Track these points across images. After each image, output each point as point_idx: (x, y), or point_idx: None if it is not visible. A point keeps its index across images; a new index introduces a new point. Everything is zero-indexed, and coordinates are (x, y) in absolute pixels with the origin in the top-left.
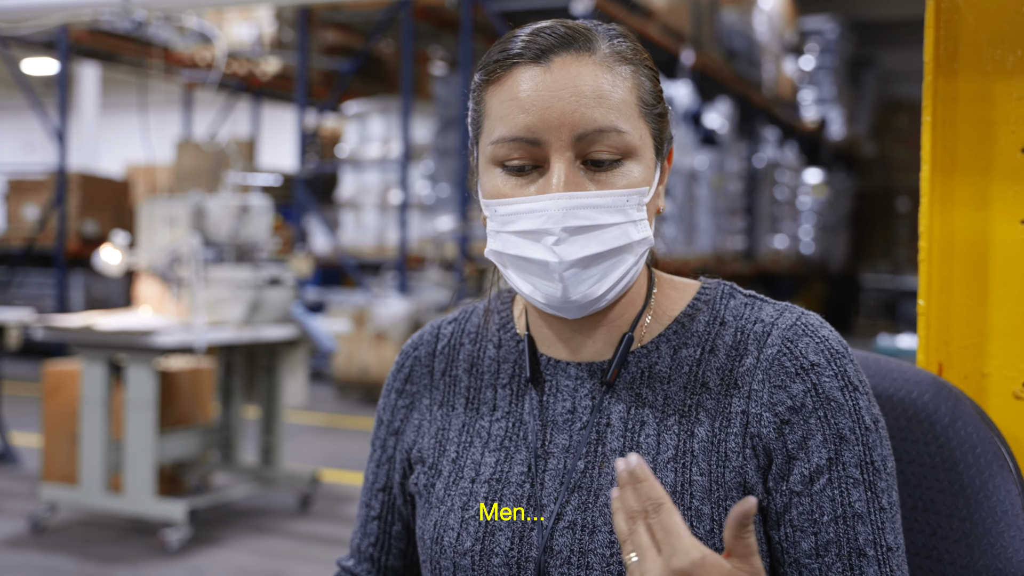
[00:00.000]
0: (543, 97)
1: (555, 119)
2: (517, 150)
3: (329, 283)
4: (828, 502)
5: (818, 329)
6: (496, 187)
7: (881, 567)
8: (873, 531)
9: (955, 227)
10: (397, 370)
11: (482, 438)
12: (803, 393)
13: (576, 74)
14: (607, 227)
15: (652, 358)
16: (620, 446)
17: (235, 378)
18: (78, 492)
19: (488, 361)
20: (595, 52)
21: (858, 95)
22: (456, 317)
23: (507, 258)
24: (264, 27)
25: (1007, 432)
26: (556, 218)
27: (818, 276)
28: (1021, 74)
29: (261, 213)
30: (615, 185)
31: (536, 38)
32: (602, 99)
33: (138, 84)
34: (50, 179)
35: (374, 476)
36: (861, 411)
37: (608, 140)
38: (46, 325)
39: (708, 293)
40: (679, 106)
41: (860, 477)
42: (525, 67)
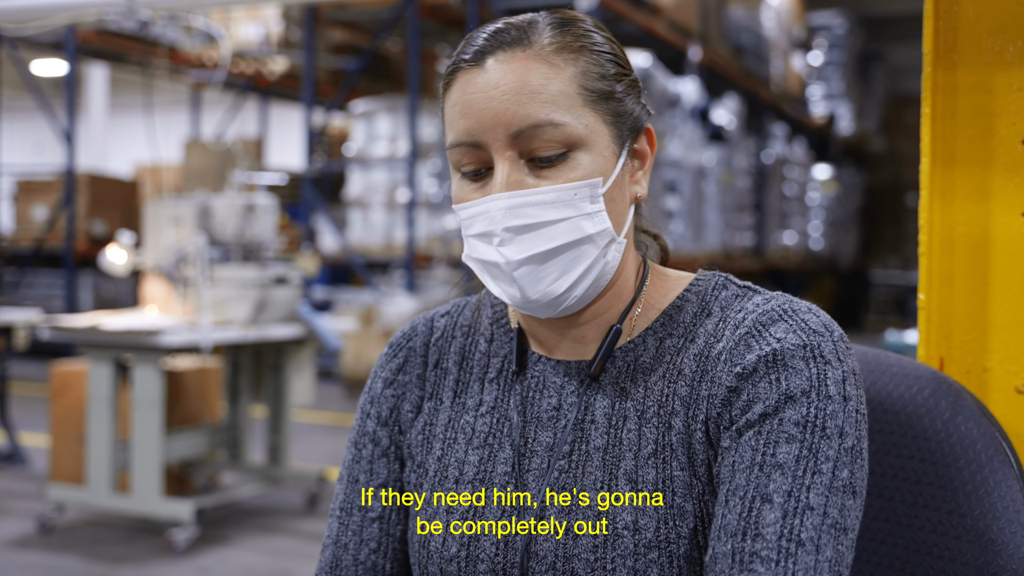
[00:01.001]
0: (477, 99)
1: (490, 120)
2: (466, 155)
3: (337, 282)
4: (748, 451)
5: (800, 313)
6: (456, 192)
7: (787, 518)
8: (792, 484)
9: (955, 220)
10: (387, 360)
11: (466, 434)
12: (756, 359)
13: (508, 71)
14: (555, 223)
15: (639, 351)
16: (604, 443)
17: (242, 377)
18: (85, 492)
19: (479, 355)
20: (530, 46)
21: (867, 90)
22: (449, 310)
23: (472, 261)
24: (271, 26)
25: (1008, 427)
26: (497, 219)
27: (827, 272)
28: (1021, 65)
29: (267, 212)
30: (561, 179)
31: (474, 41)
32: (535, 93)
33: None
34: (59, 180)
35: (369, 475)
36: (826, 379)
37: (546, 134)
38: (53, 325)
39: (700, 284)
40: (687, 102)
41: (797, 435)
42: (465, 72)
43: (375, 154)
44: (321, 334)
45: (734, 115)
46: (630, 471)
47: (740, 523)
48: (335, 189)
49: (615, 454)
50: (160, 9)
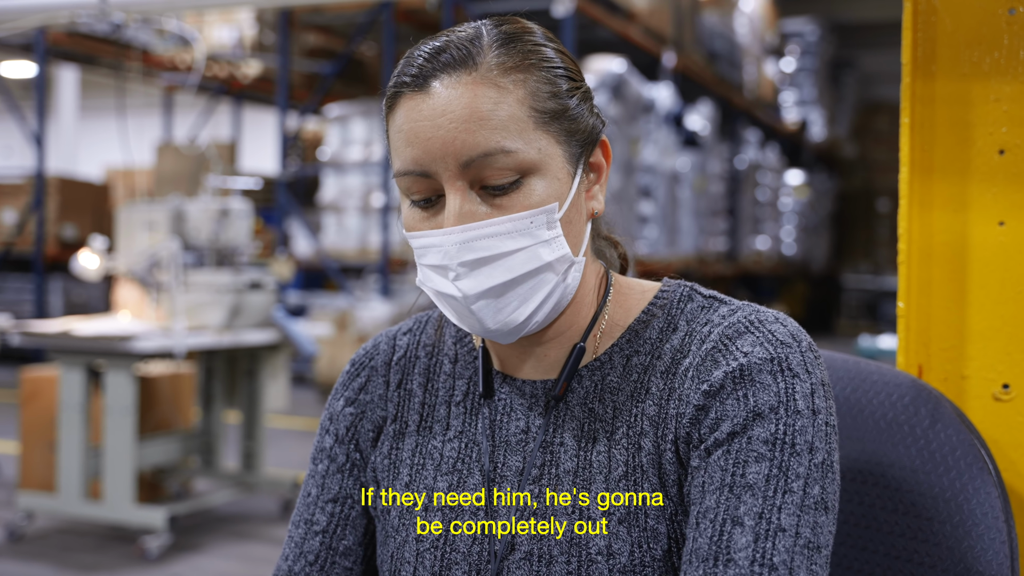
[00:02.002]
0: (424, 128)
1: (438, 149)
2: (414, 184)
3: (311, 287)
4: (718, 471)
5: (767, 324)
6: (407, 219)
7: (759, 541)
8: (764, 505)
9: (934, 229)
10: (350, 379)
11: (434, 460)
12: (723, 376)
13: (454, 97)
14: (512, 253)
15: (606, 369)
16: (573, 466)
17: (216, 383)
18: (56, 500)
19: (444, 377)
20: (476, 68)
21: (838, 97)
22: (411, 327)
23: (429, 291)
24: (245, 30)
25: (987, 434)
26: (452, 253)
27: (800, 277)
28: (998, 76)
29: (241, 217)
30: (516, 208)
31: (416, 62)
32: (483, 120)
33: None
34: (28, 183)
35: (320, 488)
36: (794, 393)
37: (497, 163)
38: (23, 331)
39: (665, 297)
40: (661, 108)
41: (767, 453)
42: (409, 97)
43: (349, 158)
44: (296, 339)
45: (708, 121)
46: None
47: (712, 547)
48: (309, 193)
49: (585, 476)
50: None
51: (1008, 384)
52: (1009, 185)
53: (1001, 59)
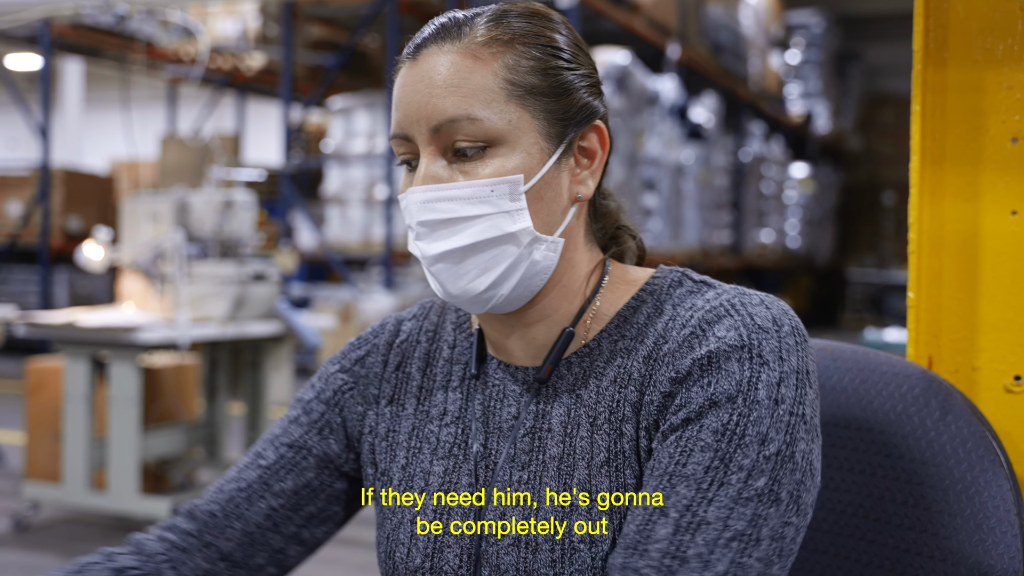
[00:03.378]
0: (406, 93)
1: (414, 113)
2: (400, 147)
3: (315, 279)
4: (665, 458)
5: (749, 306)
6: (401, 182)
7: (677, 534)
8: (693, 498)
9: (945, 219)
10: (351, 349)
11: (431, 444)
12: (691, 363)
13: (434, 64)
14: (472, 219)
15: (594, 355)
16: (559, 452)
17: (220, 374)
18: (61, 490)
19: (442, 362)
20: (460, 39)
21: (844, 89)
22: (416, 314)
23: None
24: (248, 22)
25: (998, 426)
26: (412, 212)
27: (804, 270)
28: (1011, 63)
29: (245, 208)
30: (479, 176)
31: (419, 35)
32: (454, 87)
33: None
34: (33, 175)
35: (281, 430)
36: (756, 383)
37: (464, 129)
38: (28, 322)
39: (656, 283)
40: (665, 100)
41: (712, 443)
42: (405, 65)
43: (353, 151)
44: (299, 331)
45: (712, 113)
46: (583, 481)
47: (635, 536)
48: (313, 185)
49: (569, 463)
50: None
51: (1020, 376)
52: (1022, 174)
53: (1015, 46)
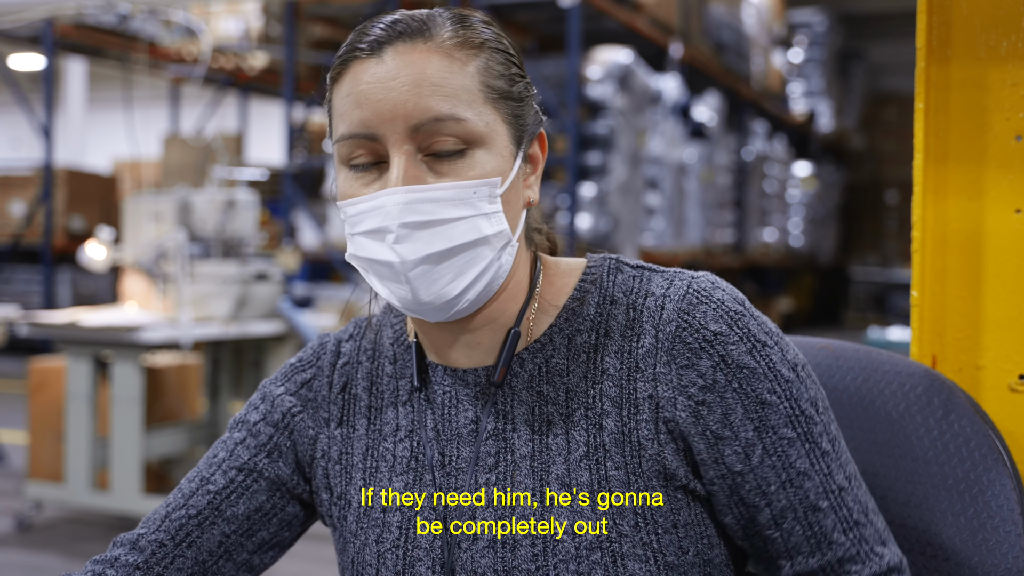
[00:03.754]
0: (375, 90)
1: (388, 111)
2: (358, 147)
3: (318, 278)
4: (771, 471)
5: (712, 293)
6: (343, 188)
7: (837, 512)
8: (821, 481)
9: (948, 217)
10: (294, 372)
11: (387, 462)
12: (712, 368)
13: (408, 63)
14: (453, 221)
15: (547, 351)
16: (529, 451)
17: (222, 374)
18: (64, 490)
19: (386, 379)
20: (431, 39)
21: (847, 88)
22: (352, 333)
23: (360, 261)
24: (251, 21)
25: (1002, 426)
26: (393, 214)
27: (807, 269)
28: (1015, 60)
29: (247, 208)
30: (460, 176)
31: (371, 30)
32: (437, 86)
33: (124, 79)
34: (36, 175)
35: (228, 453)
36: (776, 366)
37: (447, 129)
38: (31, 322)
39: (594, 272)
40: (668, 99)
41: (793, 434)
42: (361, 62)
43: None
44: (302, 330)
45: (715, 112)
46: (562, 475)
47: (810, 540)
48: (316, 185)
49: (543, 460)
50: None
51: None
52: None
53: (1019, 43)
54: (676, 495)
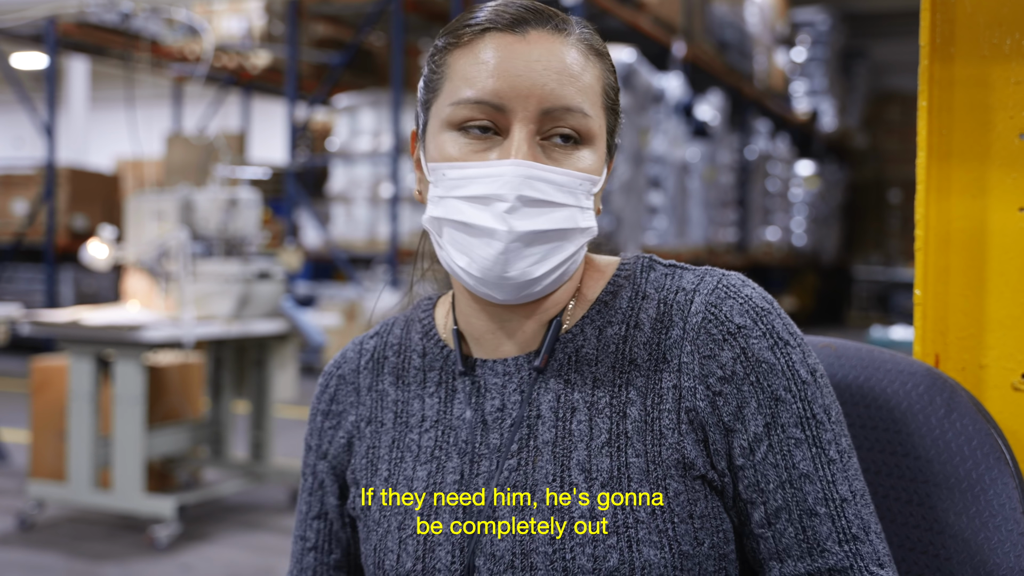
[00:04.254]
0: (516, 65)
1: (525, 88)
2: (479, 113)
3: (320, 277)
4: (772, 469)
5: (740, 289)
6: (447, 150)
7: (835, 522)
8: (823, 487)
9: (952, 215)
10: (321, 392)
11: (412, 452)
12: (732, 360)
13: (551, 49)
14: (558, 206)
15: (578, 342)
16: (552, 437)
17: (224, 373)
18: (66, 489)
19: (414, 372)
20: (569, 34)
21: (849, 87)
22: (378, 331)
23: (448, 224)
24: (254, 20)
25: (1004, 425)
26: (513, 184)
27: (810, 268)
28: (1019, 58)
29: (250, 207)
30: (570, 167)
31: (510, 9)
32: (574, 78)
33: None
34: (39, 173)
35: (307, 505)
36: (795, 366)
37: (573, 120)
38: (33, 320)
39: (627, 268)
40: (671, 98)
41: (802, 435)
42: (499, 34)
43: (358, 149)
44: (304, 329)
45: (718, 111)
46: (582, 461)
47: (802, 544)
48: (318, 184)
49: (565, 446)
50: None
51: None
52: None
53: (1022, 40)
54: (694, 485)
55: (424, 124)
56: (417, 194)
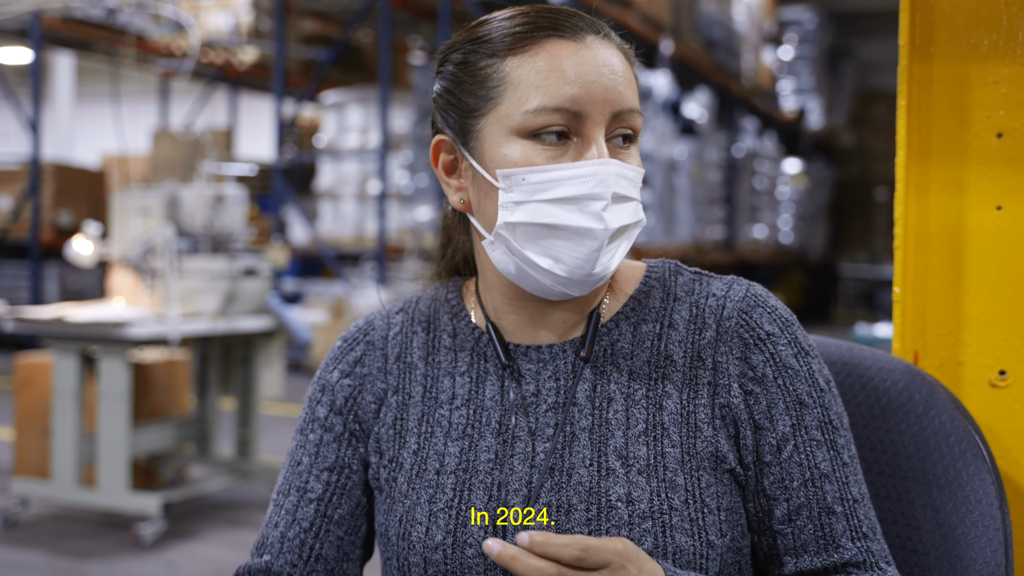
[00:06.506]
0: (587, 71)
1: (600, 93)
2: (555, 120)
3: (307, 274)
4: (796, 467)
5: (767, 299)
6: (521, 157)
7: (849, 520)
8: (839, 487)
9: (931, 213)
10: (343, 352)
11: (443, 427)
12: (763, 363)
13: (608, 54)
14: (634, 201)
15: (613, 336)
16: (589, 424)
17: (211, 370)
18: (50, 486)
19: (444, 351)
20: (612, 38)
21: (836, 85)
22: (403, 307)
23: (533, 229)
24: (241, 16)
25: (982, 421)
26: (608, 183)
27: (797, 265)
28: (996, 58)
29: (236, 203)
30: (633, 163)
31: (561, 16)
32: (629, 81)
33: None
34: (24, 169)
35: (313, 457)
36: (815, 374)
37: (633, 120)
38: (17, 317)
39: (657, 271)
40: (658, 96)
41: (822, 438)
42: (564, 41)
43: (346, 145)
44: (291, 326)
45: (705, 109)
46: (620, 448)
47: (819, 541)
48: (306, 180)
49: (602, 433)
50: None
51: (1005, 371)
52: (1007, 169)
53: (1000, 41)
54: (723, 479)
55: (469, 133)
56: (459, 202)
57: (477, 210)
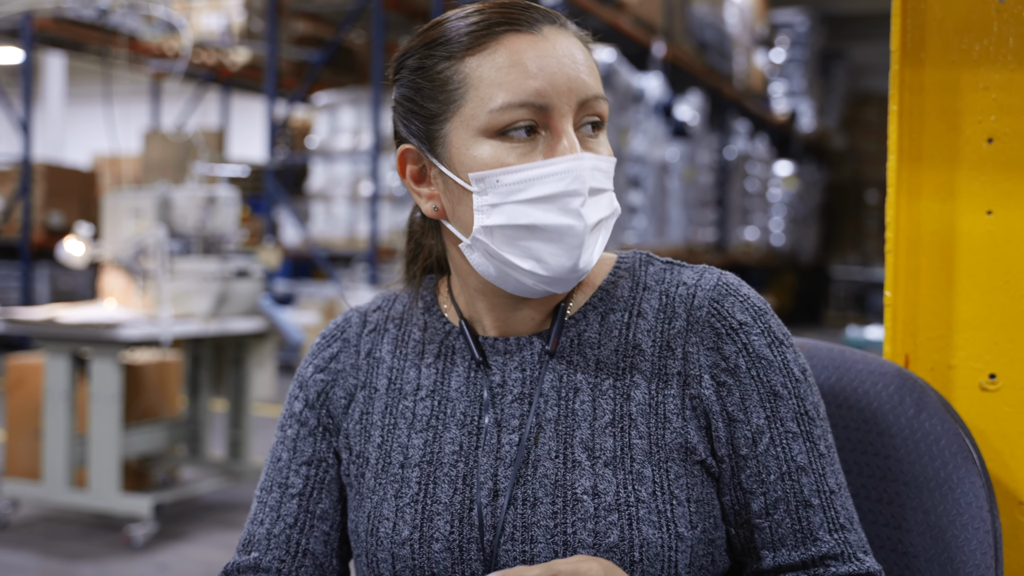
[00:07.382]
0: (549, 63)
1: (563, 84)
2: (522, 116)
3: (299, 275)
4: (773, 461)
5: (739, 288)
6: (492, 157)
7: (826, 512)
8: (816, 479)
9: (922, 218)
10: (320, 349)
11: (407, 419)
12: (735, 354)
13: (568, 44)
14: (609, 192)
15: (580, 326)
16: (555, 415)
17: (202, 371)
18: (41, 487)
19: (412, 343)
20: (568, 27)
21: (828, 88)
22: (380, 305)
23: (511, 231)
24: (233, 16)
25: (972, 425)
26: (584, 178)
27: (788, 268)
28: (987, 63)
29: (228, 204)
30: (603, 151)
31: (515, 10)
32: (591, 68)
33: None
34: (14, 170)
35: (291, 452)
36: (789, 364)
37: (599, 107)
38: (8, 318)
39: (627, 261)
40: (650, 98)
41: (797, 430)
42: (518, 35)
43: (338, 147)
44: (283, 328)
45: (697, 111)
46: (586, 439)
47: (796, 534)
48: (298, 182)
49: (568, 424)
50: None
51: (995, 374)
52: (998, 174)
53: (991, 47)
54: (693, 470)
55: (435, 139)
56: (433, 211)
57: (452, 216)
